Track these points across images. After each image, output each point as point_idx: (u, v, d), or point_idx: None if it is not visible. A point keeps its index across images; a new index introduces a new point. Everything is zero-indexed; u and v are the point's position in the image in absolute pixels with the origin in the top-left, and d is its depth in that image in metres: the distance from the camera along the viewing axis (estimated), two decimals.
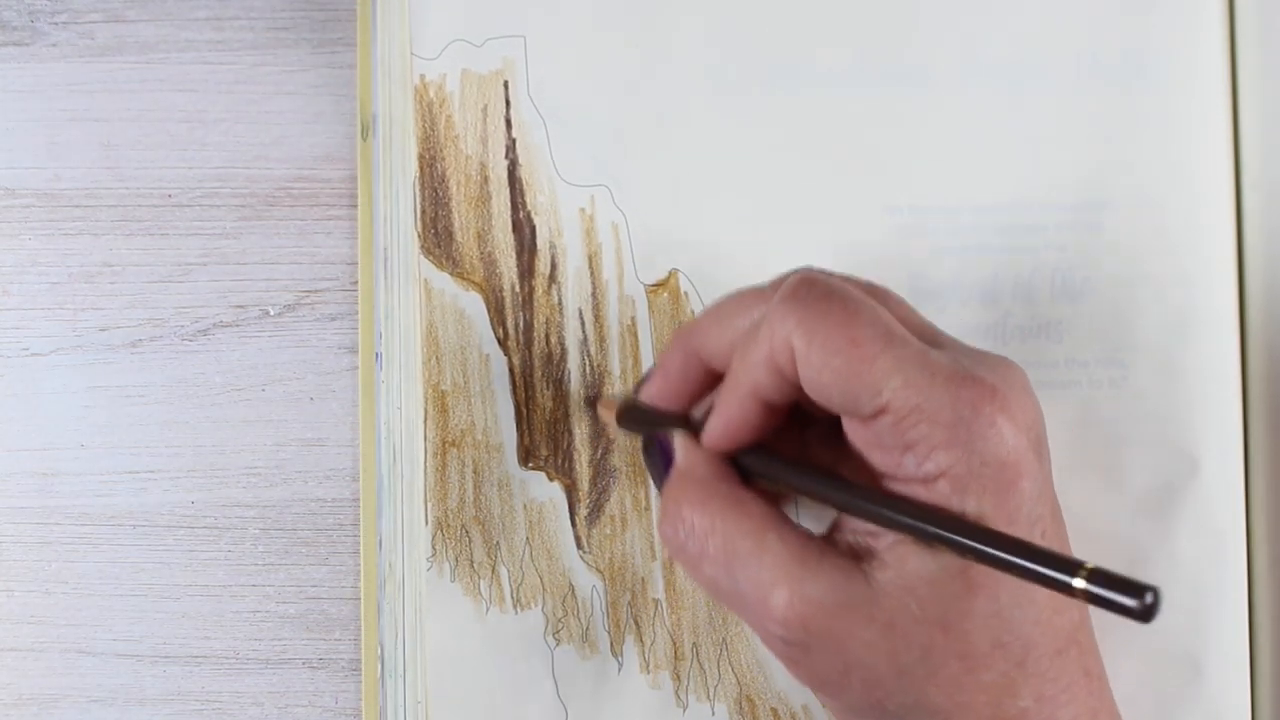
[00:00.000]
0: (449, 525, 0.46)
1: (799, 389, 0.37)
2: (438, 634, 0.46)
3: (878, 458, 0.37)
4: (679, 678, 0.46)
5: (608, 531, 0.47)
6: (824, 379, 0.36)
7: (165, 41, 0.49)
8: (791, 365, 0.37)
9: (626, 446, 0.47)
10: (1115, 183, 0.47)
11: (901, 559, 0.36)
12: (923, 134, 0.47)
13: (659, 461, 0.42)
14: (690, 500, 0.39)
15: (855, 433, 0.37)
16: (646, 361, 0.47)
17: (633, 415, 0.43)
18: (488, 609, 0.46)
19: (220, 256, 0.49)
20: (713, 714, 0.46)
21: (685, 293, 0.47)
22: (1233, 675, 0.46)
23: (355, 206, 0.48)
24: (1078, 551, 0.38)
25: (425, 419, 0.47)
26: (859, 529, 0.38)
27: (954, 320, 0.47)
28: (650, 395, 0.42)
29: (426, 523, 0.46)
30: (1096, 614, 0.36)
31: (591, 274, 0.47)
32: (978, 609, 0.36)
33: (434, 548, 0.46)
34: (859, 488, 0.37)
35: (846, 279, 0.39)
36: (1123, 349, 0.47)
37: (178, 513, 0.48)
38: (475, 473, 0.47)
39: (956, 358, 0.37)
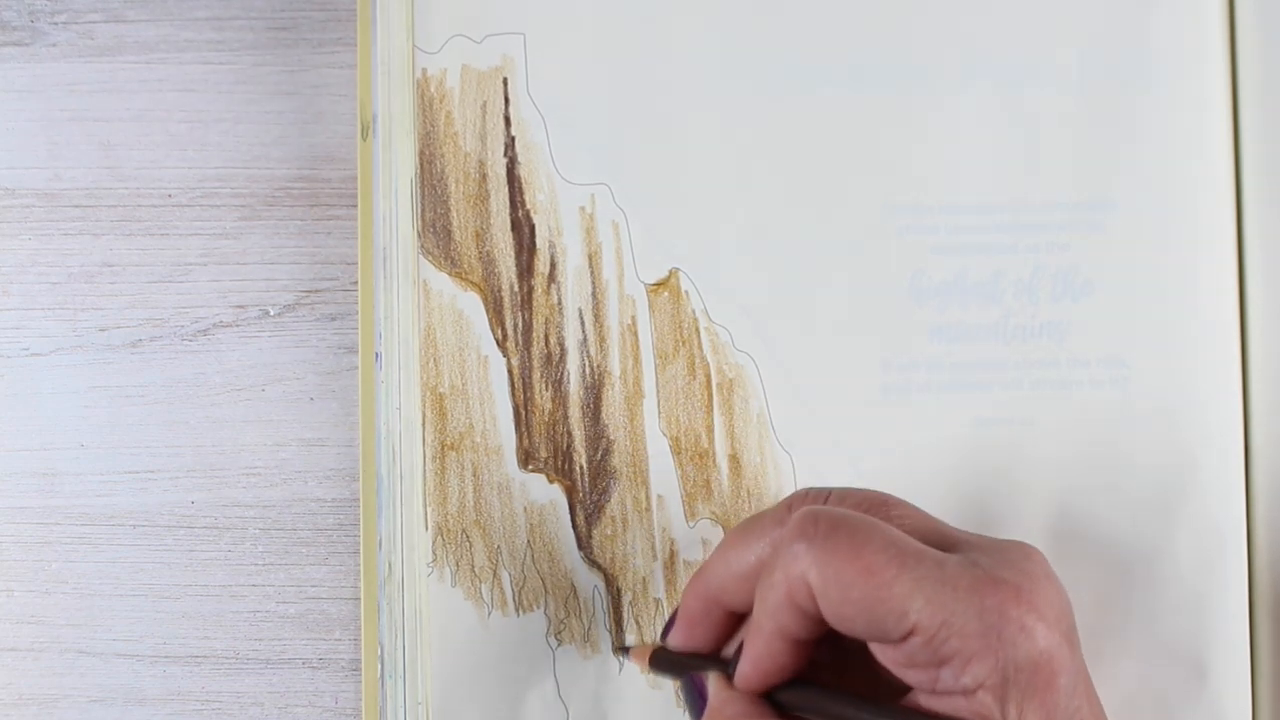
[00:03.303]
0: (449, 530, 0.46)
1: (824, 622, 0.37)
2: (439, 639, 0.46)
3: (912, 675, 0.37)
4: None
5: (609, 532, 0.47)
6: (846, 612, 0.36)
7: (165, 41, 0.49)
8: (812, 603, 0.37)
9: (626, 448, 0.47)
10: (1116, 182, 0.47)
11: None
12: (923, 134, 0.47)
13: (695, 701, 0.42)
14: None
15: (886, 655, 0.37)
16: (647, 361, 0.47)
17: (665, 661, 0.43)
18: (490, 613, 0.46)
19: (220, 256, 0.49)
20: None
21: (686, 292, 0.47)
22: (1233, 675, 0.46)
23: (355, 206, 0.48)
24: (1079, 547, 0.38)
25: (423, 423, 0.47)
26: None
27: (954, 320, 0.47)
28: (678, 642, 0.42)
29: (427, 527, 0.46)
30: (1098, 609, 0.36)
31: (591, 273, 0.47)
32: None
33: (435, 553, 0.46)
34: (901, 712, 0.37)
35: (846, 494, 0.39)
36: (1124, 349, 0.47)
37: (178, 513, 0.48)
38: (475, 476, 0.46)
39: (974, 561, 0.37)
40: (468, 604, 0.46)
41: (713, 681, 0.40)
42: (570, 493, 0.47)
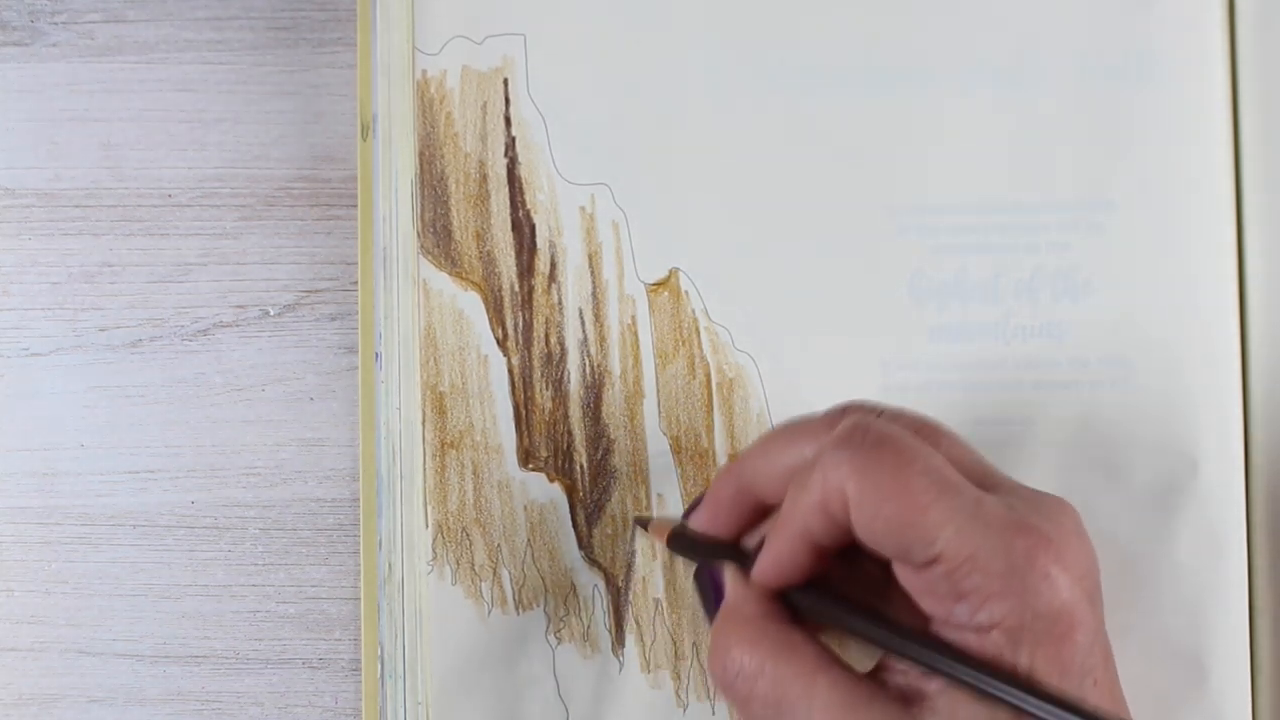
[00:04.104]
0: (449, 528, 0.46)
1: (851, 533, 0.37)
2: (439, 637, 0.46)
3: (929, 604, 0.37)
4: (679, 677, 0.46)
5: (609, 531, 0.47)
6: (877, 527, 0.36)
7: (165, 41, 0.49)
8: (844, 512, 0.37)
9: (626, 447, 0.47)
10: (1116, 182, 0.47)
11: (953, 706, 0.36)
12: (923, 134, 0.47)
13: (709, 590, 0.42)
14: (740, 640, 0.39)
15: (907, 578, 0.37)
16: (647, 361, 0.47)
17: (683, 542, 0.43)
18: (490, 611, 0.46)
19: (220, 256, 0.49)
20: (713, 714, 0.46)
21: (686, 292, 0.47)
22: (1233, 675, 0.46)
23: (355, 206, 0.48)
24: None
25: (423, 421, 0.47)
26: (909, 669, 0.37)
27: (955, 320, 0.47)
28: (701, 524, 0.42)
29: (427, 526, 0.46)
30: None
31: (592, 273, 0.47)
32: None
33: (435, 551, 0.46)
34: (914, 636, 0.37)
35: (899, 415, 0.39)
36: (1124, 349, 0.47)
37: (178, 513, 0.48)
38: (475, 475, 0.47)
39: (1011, 504, 0.36)
40: (468, 602, 0.46)
41: (729, 574, 0.40)
42: (570, 492, 0.47)
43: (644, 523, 0.46)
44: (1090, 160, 0.47)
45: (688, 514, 0.43)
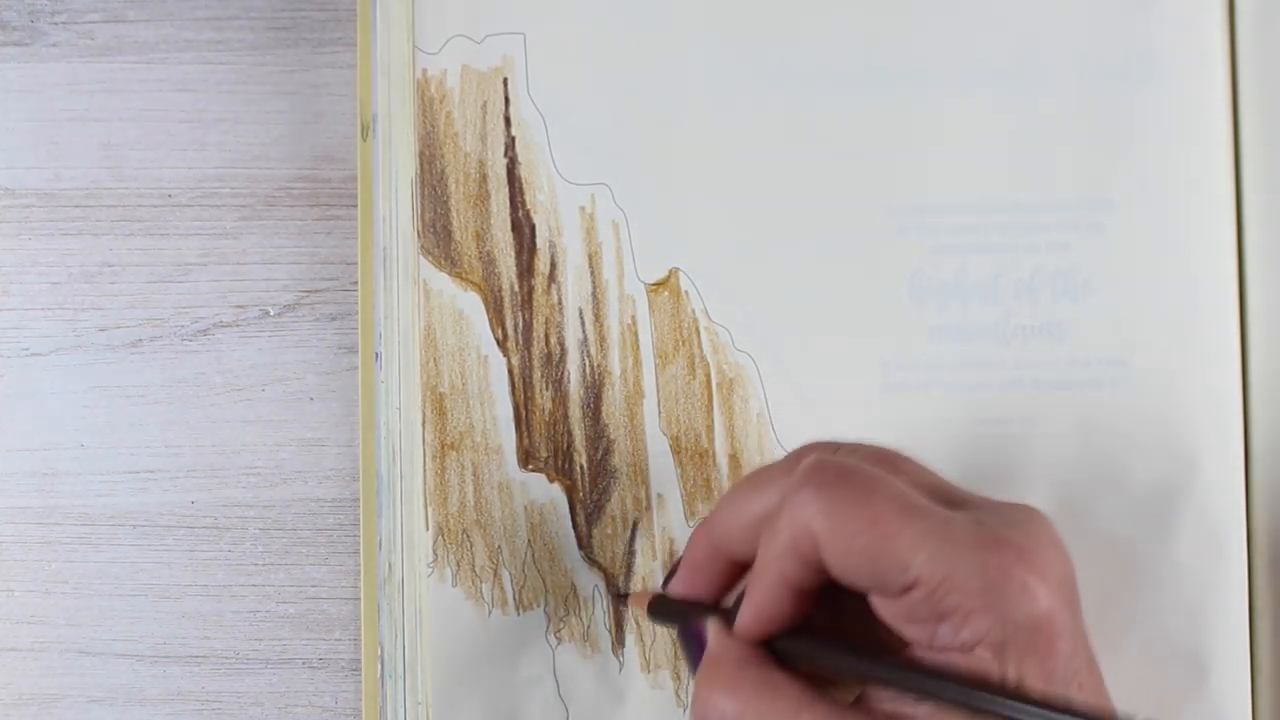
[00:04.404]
0: (450, 529, 0.46)
1: (826, 572, 0.37)
2: (439, 638, 0.46)
3: (912, 630, 0.37)
4: (679, 677, 0.46)
5: (609, 531, 0.47)
6: (850, 561, 0.36)
7: (165, 41, 0.49)
8: (815, 551, 0.37)
9: (626, 447, 0.47)
10: (1116, 182, 0.47)
11: None
12: (923, 134, 0.47)
13: (694, 648, 0.42)
14: (721, 686, 0.38)
15: (886, 609, 0.37)
16: (647, 361, 0.47)
17: (664, 609, 0.43)
18: (490, 612, 0.46)
19: (220, 256, 0.49)
20: None
21: (686, 292, 0.47)
22: (1233, 675, 0.46)
23: (355, 206, 0.48)
24: (1079, 547, 0.38)
25: (423, 422, 0.47)
26: (895, 696, 0.37)
27: (954, 320, 0.47)
28: (679, 590, 0.42)
29: (427, 527, 0.46)
30: (1098, 609, 0.36)
31: (592, 273, 0.47)
32: None
33: (435, 553, 0.46)
34: (900, 664, 0.37)
35: (856, 448, 0.39)
36: (1123, 349, 0.47)
37: (178, 513, 0.48)
38: (475, 476, 0.47)
39: (980, 519, 0.36)
40: (468, 603, 0.46)
41: (712, 628, 0.40)
42: (570, 492, 0.47)
43: (623, 598, 0.46)
44: (1090, 160, 0.47)
45: (666, 581, 0.43)
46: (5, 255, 0.48)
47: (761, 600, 0.38)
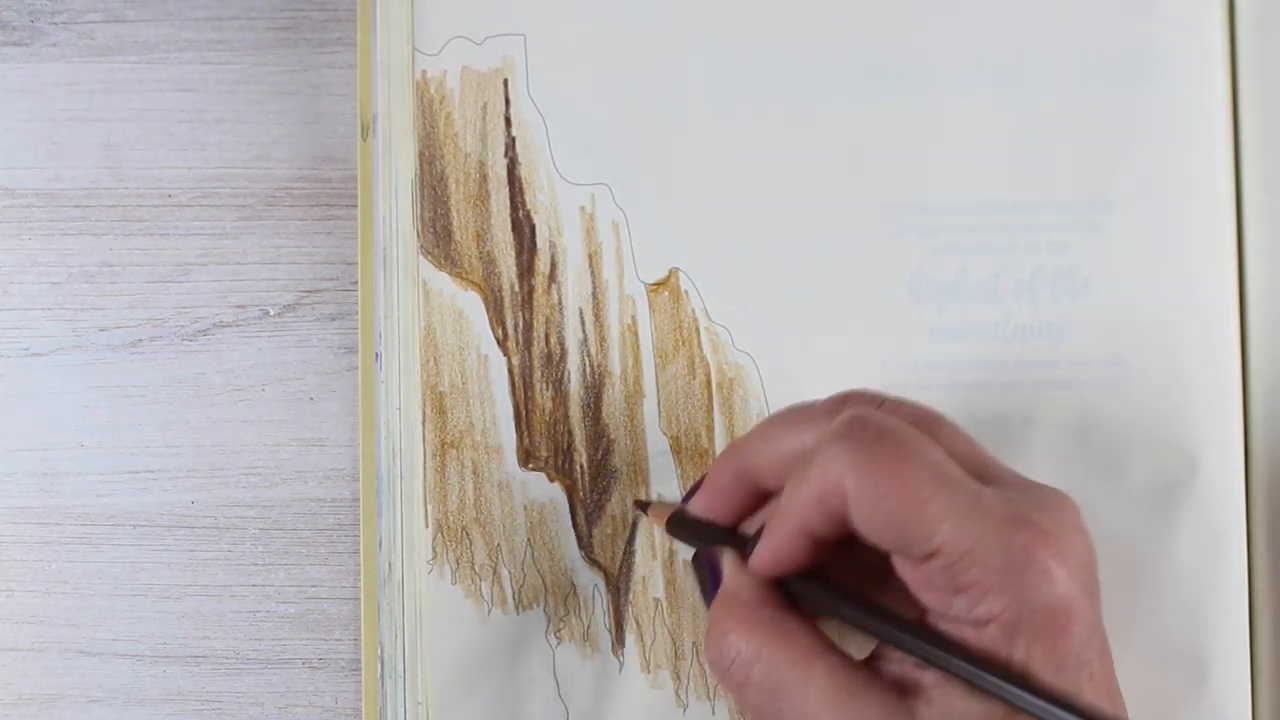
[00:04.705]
0: (449, 528, 0.46)
1: (849, 526, 0.37)
2: (439, 637, 0.46)
3: (928, 597, 0.37)
4: (679, 677, 0.46)
5: (609, 531, 0.47)
6: (875, 522, 0.36)
7: (165, 41, 0.49)
8: (842, 505, 0.37)
9: (626, 447, 0.47)
10: (1116, 182, 0.47)
11: (948, 699, 0.36)
12: (923, 134, 0.47)
13: (707, 575, 0.42)
14: (736, 626, 0.39)
15: (906, 571, 0.37)
16: (647, 361, 0.47)
17: (682, 526, 0.43)
18: (489, 610, 0.46)
19: (220, 256, 0.49)
20: (713, 714, 0.46)
21: (686, 292, 0.47)
22: (1233, 675, 0.46)
23: (355, 206, 0.48)
24: None
25: (423, 421, 0.47)
26: (905, 658, 0.37)
27: (954, 320, 0.47)
28: (699, 508, 0.42)
29: (427, 525, 0.46)
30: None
31: (592, 273, 0.47)
32: None
33: (434, 550, 0.46)
34: (910, 628, 0.37)
35: (899, 405, 0.39)
36: (1124, 349, 0.47)
37: (178, 513, 0.48)
38: (475, 474, 0.47)
39: (1010, 498, 0.36)
40: (468, 602, 0.46)
41: (727, 560, 0.40)
42: (570, 492, 0.47)
43: (643, 506, 0.46)
44: (1090, 160, 0.47)
45: (687, 498, 0.43)
46: (5, 255, 0.48)
47: (780, 543, 0.38)
